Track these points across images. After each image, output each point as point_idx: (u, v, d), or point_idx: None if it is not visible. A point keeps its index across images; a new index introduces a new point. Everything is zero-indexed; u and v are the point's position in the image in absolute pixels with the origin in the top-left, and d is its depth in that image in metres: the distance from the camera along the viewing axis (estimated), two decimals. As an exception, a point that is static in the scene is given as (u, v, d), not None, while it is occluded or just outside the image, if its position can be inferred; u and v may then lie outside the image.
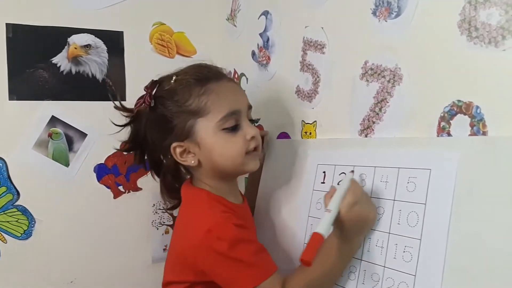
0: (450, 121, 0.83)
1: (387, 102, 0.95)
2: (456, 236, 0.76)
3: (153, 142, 1.07)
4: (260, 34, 1.31)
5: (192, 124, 1.00)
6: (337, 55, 1.07)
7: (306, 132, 1.17)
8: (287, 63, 1.22)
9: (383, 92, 0.96)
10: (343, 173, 1.00)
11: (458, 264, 0.75)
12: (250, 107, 1.06)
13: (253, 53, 1.35)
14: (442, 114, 0.84)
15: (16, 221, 1.28)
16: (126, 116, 1.10)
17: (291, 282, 0.92)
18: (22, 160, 1.28)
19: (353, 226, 0.88)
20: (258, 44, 1.33)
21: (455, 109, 0.82)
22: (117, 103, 1.11)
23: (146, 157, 1.14)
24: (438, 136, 0.85)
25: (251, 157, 1.04)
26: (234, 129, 1.00)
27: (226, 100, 1.00)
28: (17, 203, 1.27)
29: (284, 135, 1.24)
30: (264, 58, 1.30)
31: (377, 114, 0.97)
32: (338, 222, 0.89)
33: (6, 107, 1.26)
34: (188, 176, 1.13)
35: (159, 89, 1.03)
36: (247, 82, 1.40)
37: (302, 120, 1.17)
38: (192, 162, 1.02)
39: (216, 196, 1.03)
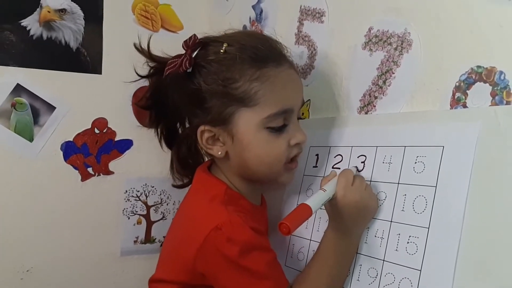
0: (467, 91, 0.71)
1: (393, 73, 0.83)
2: (473, 224, 0.64)
3: (175, 108, 0.91)
4: (253, 6, 1.19)
5: (232, 112, 0.81)
6: (337, 23, 0.95)
7: (298, 113, 1.04)
8: (281, 36, 1.09)
9: (388, 62, 0.83)
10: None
11: (475, 257, 0.62)
12: (303, 103, 0.89)
13: (244, 28, 1.22)
14: (457, 84, 0.72)
15: (-32, 198, 1.13)
16: (151, 67, 0.93)
17: None
18: (-21, 130, 1.14)
19: (352, 215, 0.76)
20: (250, 18, 1.20)
21: (474, 76, 0.70)
22: (143, 45, 0.92)
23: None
24: (452, 109, 0.72)
25: (287, 168, 0.85)
26: (280, 129, 0.82)
27: (281, 94, 0.81)
28: (-29, 177, 1.13)
29: (274, 117, 1.11)
30: (256, 33, 1.18)
31: (380, 87, 0.85)
32: (334, 210, 0.77)
33: (-35, 70, 1.12)
34: (207, 159, 0.97)
35: (202, 54, 0.83)
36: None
37: (295, 100, 1.05)
38: (219, 153, 0.85)
39: (235, 192, 0.87)
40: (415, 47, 0.79)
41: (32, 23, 1.18)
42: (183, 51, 0.85)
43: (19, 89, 1.17)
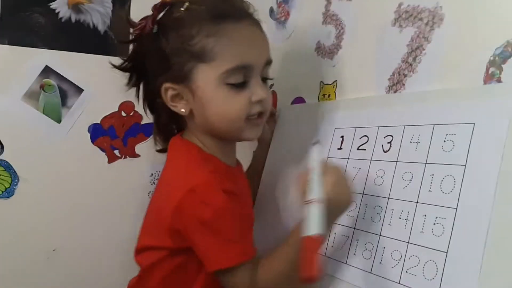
0: (502, 65, 0.67)
1: (423, 50, 0.79)
2: (505, 204, 0.59)
3: (151, 73, 0.90)
4: (281, -13, 1.17)
5: (191, 68, 0.82)
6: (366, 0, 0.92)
7: (324, 95, 1.01)
8: (308, 16, 1.07)
9: (419, 38, 0.80)
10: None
11: (506, 239, 0.58)
12: (269, 62, 0.87)
13: (271, 10, 1.20)
14: (491, 58, 0.68)
15: (-2, 176, 1.16)
16: (130, 33, 0.93)
17: (264, 268, 0.79)
18: (9, 110, 1.16)
19: (335, 209, 0.73)
20: (277, 0, 1.18)
21: (510, 49, 0.65)
22: (123, 13, 0.97)
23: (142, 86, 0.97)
24: (485, 85, 0.68)
25: (252, 124, 0.86)
26: (241, 86, 0.82)
27: (239, 50, 0.82)
28: (0, 157, 1.15)
29: (299, 100, 1.09)
30: (282, 14, 1.15)
31: (410, 65, 0.81)
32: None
33: (-4, 51, 1.14)
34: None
35: (167, 14, 0.85)
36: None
37: (321, 81, 1.02)
38: (183, 110, 0.86)
39: (207, 154, 0.88)
40: (447, 21, 0.75)
41: (61, 6, 1.20)
42: None
43: (48, 71, 1.19)
